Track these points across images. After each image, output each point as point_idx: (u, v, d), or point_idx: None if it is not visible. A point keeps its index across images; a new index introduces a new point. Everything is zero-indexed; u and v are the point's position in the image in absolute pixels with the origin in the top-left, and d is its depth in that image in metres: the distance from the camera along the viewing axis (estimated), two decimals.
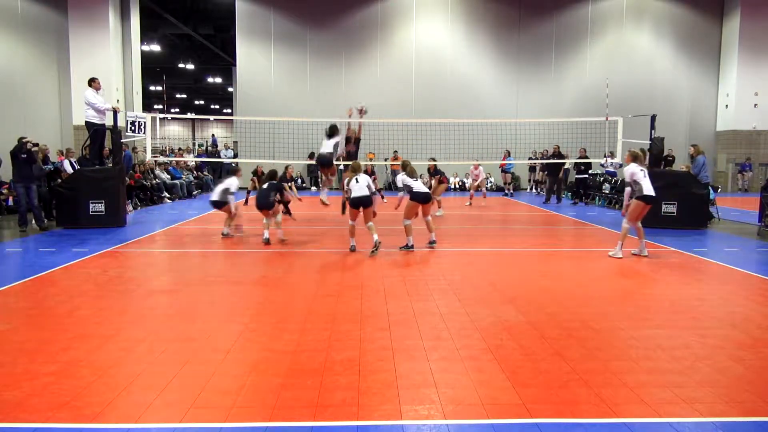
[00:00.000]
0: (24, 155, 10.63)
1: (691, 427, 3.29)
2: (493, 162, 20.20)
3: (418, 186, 8.99)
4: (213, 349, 4.51)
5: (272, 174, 9.99)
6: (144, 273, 7.56)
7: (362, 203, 8.70)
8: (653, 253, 8.80)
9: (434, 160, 15.59)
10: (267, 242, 9.49)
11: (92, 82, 11.71)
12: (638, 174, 8.34)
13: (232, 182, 10.47)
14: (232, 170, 11.13)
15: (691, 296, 6.28)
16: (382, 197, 17.33)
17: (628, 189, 8.62)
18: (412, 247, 8.90)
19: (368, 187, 8.80)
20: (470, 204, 16.89)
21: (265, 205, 9.48)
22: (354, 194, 8.75)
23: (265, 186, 9.71)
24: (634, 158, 8.57)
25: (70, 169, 12.83)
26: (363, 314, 5.45)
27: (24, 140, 10.70)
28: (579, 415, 3.40)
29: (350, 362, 4.20)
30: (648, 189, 8.33)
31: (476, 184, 17.34)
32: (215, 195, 10.40)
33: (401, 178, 9.11)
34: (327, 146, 11.30)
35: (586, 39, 23.49)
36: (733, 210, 15.31)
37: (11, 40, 18.51)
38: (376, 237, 8.62)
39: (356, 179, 8.79)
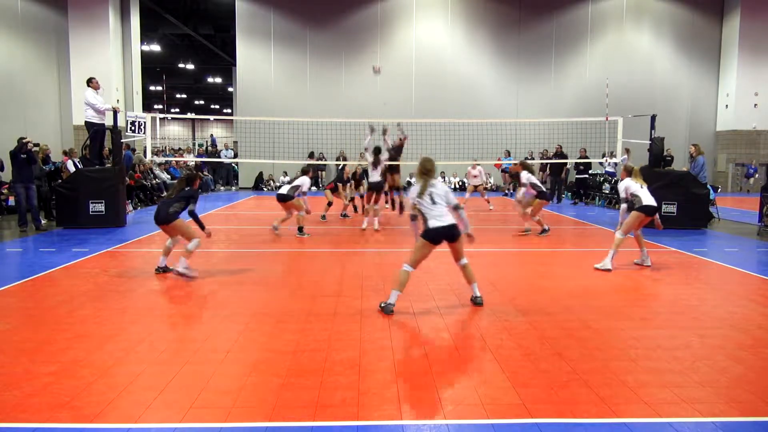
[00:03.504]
0: (24, 155, 10.63)
1: (691, 427, 3.29)
2: (489, 162, 20.18)
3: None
4: (213, 349, 4.51)
5: (189, 178, 7.50)
6: (144, 273, 7.55)
7: (447, 236, 5.60)
8: (653, 253, 8.79)
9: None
10: (161, 270, 7.31)
11: (90, 82, 11.70)
12: (633, 186, 7.82)
13: (304, 181, 10.47)
14: (304, 170, 10.90)
15: (691, 296, 6.28)
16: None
17: (624, 206, 7.92)
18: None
19: (448, 206, 5.68)
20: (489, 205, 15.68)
21: (162, 218, 7.09)
22: (434, 223, 5.54)
23: (173, 194, 7.33)
24: (629, 173, 8.04)
25: (73, 170, 12.83)
26: (363, 314, 5.45)
27: (24, 140, 10.69)
28: (579, 415, 3.40)
29: (350, 362, 4.20)
30: (648, 199, 7.73)
31: (473, 185, 16.00)
32: (283, 189, 10.44)
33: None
34: (375, 175, 11.23)
35: (586, 39, 23.48)
36: (733, 210, 15.30)
37: (11, 40, 18.51)
38: (477, 290, 5.82)
39: (430, 194, 5.58)
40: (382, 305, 5.58)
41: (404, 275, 5.61)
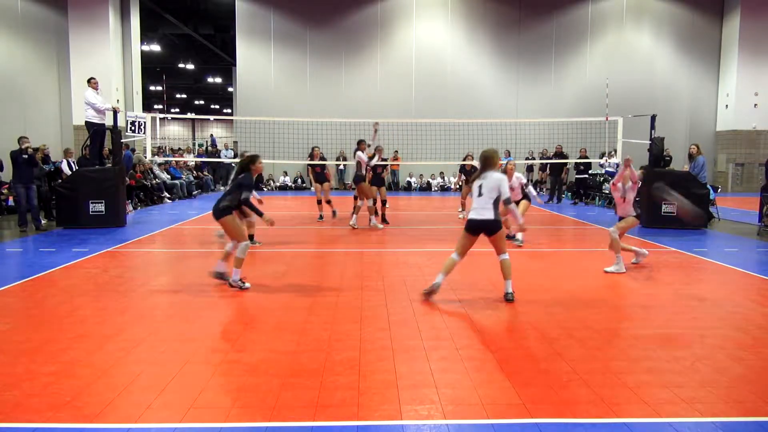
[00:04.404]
0: (25, 155, 10.62)
1: (691, 427, 3.29)
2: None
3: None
4: (213, 349, 4.51)
5: (243, 165, 6.58)
6: (144, 273, 7.55)
7: (484, 230, 5.79)
8: (653, 253, 8.80)
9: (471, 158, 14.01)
10: (218, 276, 6.58)
11: (89, 82, 11.71)
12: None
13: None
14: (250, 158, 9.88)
15: (691, 296, 6.28)
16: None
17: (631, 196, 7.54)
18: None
19: (497, 199, 5.73)
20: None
21: (214, 213, 6.49)
22: (473, 215, 5.77)
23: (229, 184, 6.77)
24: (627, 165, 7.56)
25: (68, 170, 12.84)
26: (363, 314, 5.45)
27: (24, 146, 10.66)
28: (579, 415, 3.40)
29: (350, 362, 4.20)
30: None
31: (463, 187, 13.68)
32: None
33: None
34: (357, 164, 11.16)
35: (586, 39, 23.49)
36: (733, 210, 15.30)
37: (11, 40, 18.50)
38: (509, 287, 5.92)
39: (480, 186, 5.77)
40: (426, 291, 5.93)
41: (450, 262, 5.95)
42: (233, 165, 23.71)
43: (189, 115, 52.22)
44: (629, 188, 7.56)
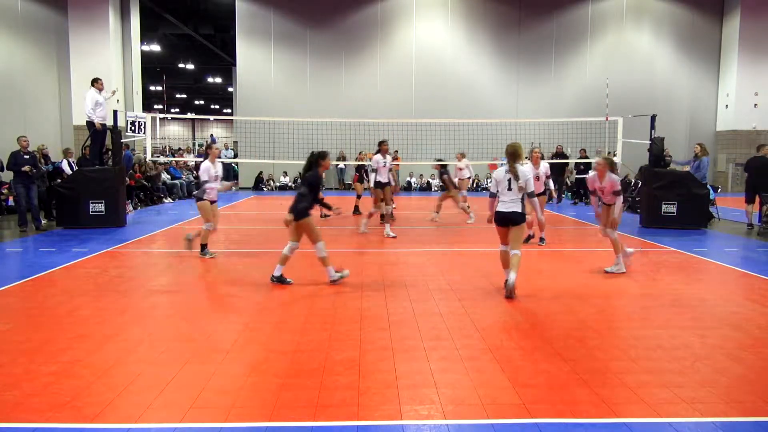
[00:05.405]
0: (33, 172, 10.69)
1: (691, 427, 3.29)
2: (487, 162, 20.17)
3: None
4: (213, 349, 4.51)
5: (313, 160, 6.75)
6: (144, 273, 7.55)
7: (509, 221, 6.09)
8: (653, 252, 8.80)
9: (441, 160, 13.98)
10: (276, 281, 6.66)
11: (95, 83, 11.66)
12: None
13: (201, 169, 8.21)
14: (206, 146, 8.70)
15: (691, 296, 6.28)
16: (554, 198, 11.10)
17: (620, 202, 7.27)
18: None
19: (526, 190, 6.06)
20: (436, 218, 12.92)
21: (295, 214, 6.50)
22: (500, 207, 6.11)
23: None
24: (611, 166, 7.32)
25: (68, 170, 12.84)
26: (363, 314, 5.45)
27: (24, 168, 10.62)
28: (579, 415, 3.40)
29: (350, 362, 4.20)
30: None
31: (459, 179, 13.44)
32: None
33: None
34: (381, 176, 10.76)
35: (586, 39, 23.48)
36: (733, 210, 15.29)
37: (11, 40, 18.51)
38: (512, 276, 5.99)
39: (509, 180, 6.06)
40: (507, 293, 6.05)
41: (502, 254, 6.29)
42: (233, 165, 23.88)
43: (189, 115, 52.23)
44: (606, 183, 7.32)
